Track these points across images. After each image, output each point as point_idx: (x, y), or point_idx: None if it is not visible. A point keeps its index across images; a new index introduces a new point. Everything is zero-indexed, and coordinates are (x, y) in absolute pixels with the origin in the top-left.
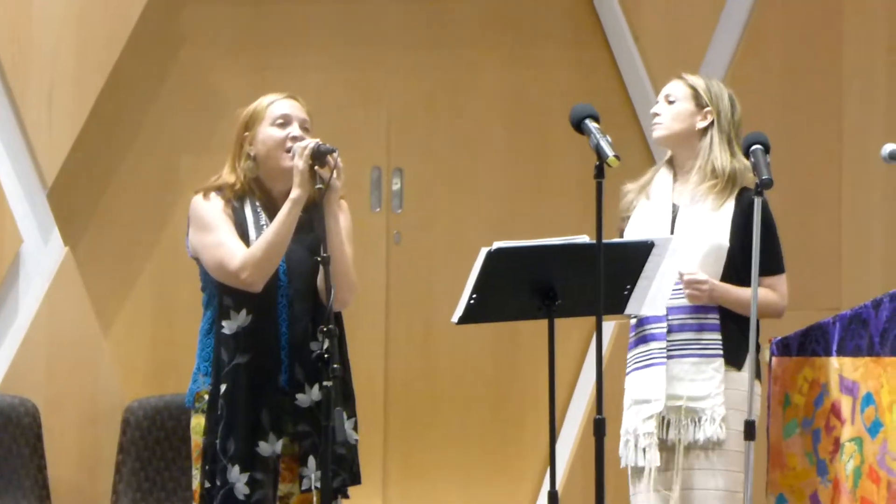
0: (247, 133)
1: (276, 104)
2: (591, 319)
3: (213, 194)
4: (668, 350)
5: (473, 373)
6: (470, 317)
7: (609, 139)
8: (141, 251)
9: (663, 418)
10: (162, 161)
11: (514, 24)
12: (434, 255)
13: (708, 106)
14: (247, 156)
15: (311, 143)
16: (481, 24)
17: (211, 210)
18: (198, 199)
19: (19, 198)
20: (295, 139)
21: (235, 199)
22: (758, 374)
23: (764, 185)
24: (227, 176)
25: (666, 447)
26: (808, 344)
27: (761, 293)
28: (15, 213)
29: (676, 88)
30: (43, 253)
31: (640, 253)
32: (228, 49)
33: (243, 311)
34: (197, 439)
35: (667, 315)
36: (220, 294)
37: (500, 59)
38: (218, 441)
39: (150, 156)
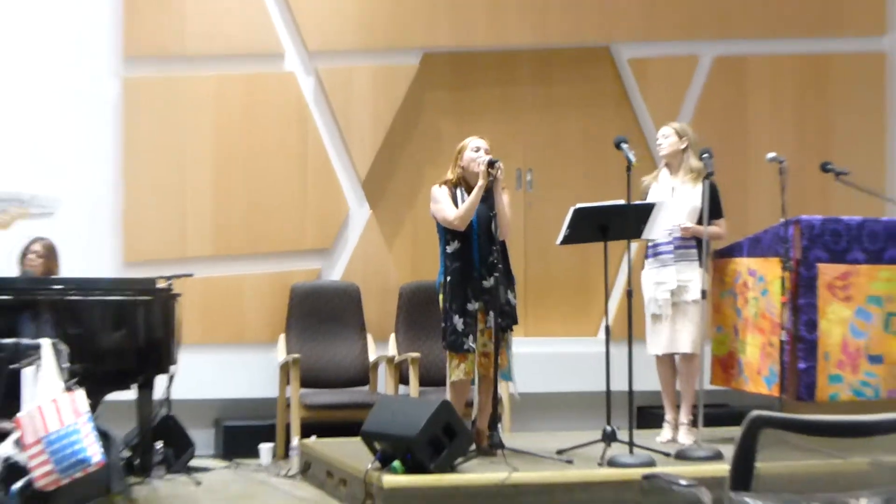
0: (459, 155)
1: (473, 141)
2: (624, 242)
3: (443, 185)
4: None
5: (565, 272)
6: (566, 240)
7: (634, 152)
8: (408, 211)
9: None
10: (419, 167)
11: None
12: (551, 215)
13: (684, 136)
14: (458, 166)
15: (487, 158)
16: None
17: (441, 192)
18: (435, 187)
19: (347, 185)
20: (480, 154)
21: (453, 186)
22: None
23: (709, 176)
24: (449, 175)
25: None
26: (733, 252)
27: (713, 229)
28: (345, 193)
29: (667, 130)
30: (359, 215)
31: (649, 208)
32: (447, 117)
33: (456, 241)
34: (441, 305)
35: (671, 241)
36: (446, 232)
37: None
38: (447, 304)
39: (415, 163)
